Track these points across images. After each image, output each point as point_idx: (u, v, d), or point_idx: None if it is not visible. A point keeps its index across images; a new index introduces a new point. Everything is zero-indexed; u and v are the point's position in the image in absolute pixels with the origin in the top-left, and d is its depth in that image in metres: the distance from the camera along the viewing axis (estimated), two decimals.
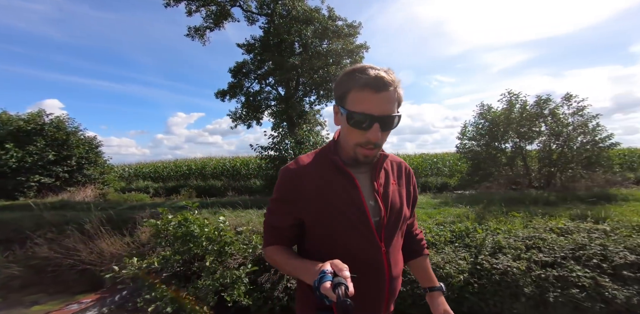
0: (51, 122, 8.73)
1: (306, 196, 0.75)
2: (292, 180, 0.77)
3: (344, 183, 0.75)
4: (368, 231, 0.74)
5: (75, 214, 4.97)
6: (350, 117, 0.68)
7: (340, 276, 0.53)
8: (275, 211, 0.81)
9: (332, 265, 0.57)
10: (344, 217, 0.73)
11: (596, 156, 6.41)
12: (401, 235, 0.84)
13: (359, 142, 0.71)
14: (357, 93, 0.67)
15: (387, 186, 0.80)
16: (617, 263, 2.97)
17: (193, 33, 8.97)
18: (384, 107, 0.67)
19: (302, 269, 0.68)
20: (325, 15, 8.30)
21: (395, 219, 0.79)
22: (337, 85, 0.73)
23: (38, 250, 4.14)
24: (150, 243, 4.03)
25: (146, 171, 14.48)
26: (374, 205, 0.76)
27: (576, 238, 3.32)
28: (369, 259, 0.74)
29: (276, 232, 0.81)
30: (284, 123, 8.75)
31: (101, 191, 9.44)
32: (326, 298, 0.51)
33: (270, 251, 0.81)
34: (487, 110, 8.12)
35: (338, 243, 0.74)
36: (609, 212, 4.01)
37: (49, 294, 3.61)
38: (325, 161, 0.78)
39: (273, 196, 0.81)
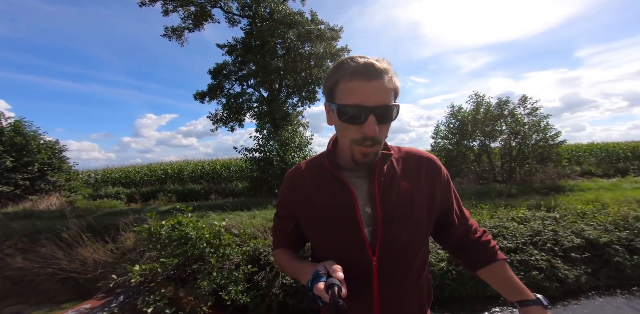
0: (9, 126, 7.96)
1: (298, 201, 0.74)
2: (289, 184, 0.77)
3: (335, 187, 0.69)
4: (359, 243, 0.66)
5: (47, 223, 4.66)
6: (341, 112, 0.61)
7: (335, 277, 0.52)
8: (279, 214, 0.81)
9: (327, 266, 0.56)
10: (333, 225, 0.68)
11: (547, 152, 7.31)
12: (414, 247, 0.70)
13: (355, 139, 0.63)
14: (347, 84, 0.60)
15: (391, 189, 0.69)
16: (566, 246, 3.51)
17: (170, 33, 8.70)
18: (378, 96, 0.59)
19: (299, 270, 0.67)
20: (308, 18, 8.49)
21: (399, 228, 0.67)
22: (326, 81, 0.67)
23: (11, 260, 3.85)
24: (137, 249, 3.95)
25: (115, 177, 13.54)
26: (370, 213, 0.68)
27: (532, 225, 3.85)
28: (357, 275, 0.65)
29: (281, 235, 0.82)
30: (267, 125, 8.78)
31: (68, 199, 8.78)
32: (319, 299, 0.50)
33: (276, 254, 0.81)
34: (457, 111, 8.83)
35: (328, 251, 0.70)
36: (558, 202, 4.67)
37: (31, 305, 3.41)
38: (319, 165, 0.74)
39: (277, 200, 0.82)
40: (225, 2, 9.05)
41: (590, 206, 4.44)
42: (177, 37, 8.87)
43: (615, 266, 3.34)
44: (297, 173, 0.77)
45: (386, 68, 0.60)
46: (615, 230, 3.69)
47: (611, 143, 16.14)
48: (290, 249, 0.80)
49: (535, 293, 0.72)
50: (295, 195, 0.75)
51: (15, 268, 3.80)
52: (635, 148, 14.85)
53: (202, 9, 8.66)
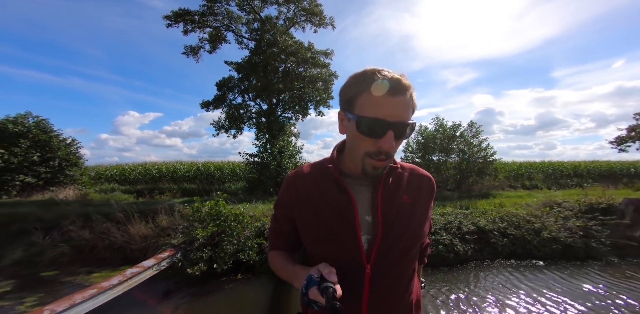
0: (35, 124, 9.05)
1: (297, 203, 0.74)
2: (289, 186, 0.76)
3: (336, 194, 0.70)
4: (354, 250, 0.66)
5: (105, 205, 6.05)
6: (360, 123, 0.61)
7: (328, 279, 0.52)
8: (277, 216, 0.81)
9: (321, 269, 0.56)
10: (330, 230, 0.68)
11: (485, 167, 9.39)
12: (408, 258, 0.71)
13: (370, 152, 0.63)
14: (370, 96, 0.60)
15: (393, 202, 0.70)
16: (464, 231, 5.36)
17: (189, 51, 10.17)
18: (399, 112, 0.60)
19: (292, 274, 0.67)
20: (305, 46, 10.21)
21: (395, 239, 0.68)
22: (345, 89, 0.67)
23: (74, 234, 5.21)
24: (171, 227, 5.42)
25: (109, 174, 14.23)
26: (370, 221, 0.68)
27: (448, 217, 5.69)
28: (349, 280, 0.65)
29: (278, 237, 0.81)
30: (266, 135, 10.37)
31: (81, 191, 9.88)
32: (315, 303, 0.50)
33: (271, 256, 0.80)
34: (423, 130, 10.83)
35: (323, 255, 0.69)
36: (474, 203, 6.59)
37: (95, 267, 4.81)
38: (323, 170, 0.74)
39: (276, 202, 0.81)
40: (236, 25, 10.67)
41: (492, 206, 6.39)
42: (194, 54, 10.35)
43: (493, 245, 5.23)
44: (300, 176, 0.76)
45: (409, 85, 0.61)
46: (498, 222, 5.61)
47: (557, 162, 18.92)
48: (285, 251, 0.80)
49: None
50: (295, 196, 0.74)
51: (79, 240, 5.18)
52: (576, 166, 17.65)
53: (217, 32, 10.22)
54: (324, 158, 0.80)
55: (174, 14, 9.76)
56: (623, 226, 5.52)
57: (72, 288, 4.02)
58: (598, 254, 4.95)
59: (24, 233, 5.40)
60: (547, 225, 5.45)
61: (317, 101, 10.85)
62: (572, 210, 5.89)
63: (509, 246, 5.23)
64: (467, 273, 4.65)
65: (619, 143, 13.45)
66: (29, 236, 5.27)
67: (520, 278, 4.31)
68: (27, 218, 5.73)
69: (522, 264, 4.84)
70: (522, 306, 3.43)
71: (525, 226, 5.50)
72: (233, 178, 13.54)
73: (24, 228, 5.43)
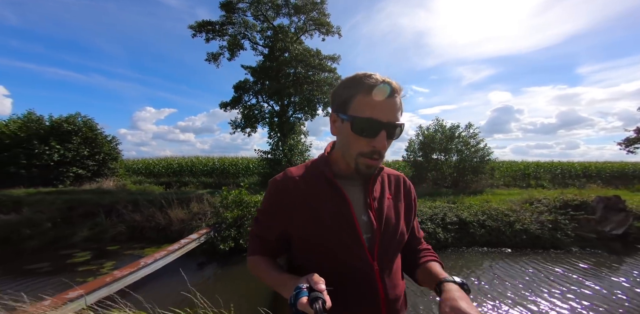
0: (83, 123, 10.57)
1: (292, 207, 0.71)
2: (279, 191, 0.73)
3: (332, 196, 0.70)
4: (359, 249, 0.67)
5: (147, 193, 7.39)
6: (355, 124, 0.64)
7: (316, 289, 0.52)
8: (262, 222, 0.77)
9: (308, 279, 0.56)
10: (332, 232, 0.67)
11: (481, 167, 10.04)
12: (398, 253, 0.77)
13: (363, 152, 0.66)
14: (364, 98, 0.63)
15: (382, 200, 0.74)
16: (447, 221, 6.25)
17: (211, 58, 11.32)
18: (391, 113, 0.64)
19: (280, 283, 0.65)
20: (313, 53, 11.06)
21: (390, 236, 0.72)
22: (338, 92, 0.70)
23: (127, 217, 6.56)
24: (201, 212, 6.64)
25: (136, 168, 15.58)
26: (366, 221, 0.70)
27: (434, 210, 6.57)
28: (360, 278, 0.67)
29: (262, 243, 0.77)
30: (277, 134, 11.44)
31: (119, 182, 11.43)
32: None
33: (254, 262, 0.77)
34: (424, 132, 11.53)
35: (326, 260, 0.68)
36: (463, 199, 7.40)
37: (145, 244, 6.11)
38: (314, 173, 0.74)
39: (261, 207, 0.78)
40: (251, 33, 11.67)
41: (477, 202, 7.18)
42: (215, 60, 11.50)
43: (472, 235, 6.09)
44: (289, 179, 0.74)
45: (399, 89, 0.65)
46: (479, 215, 6.43)
47: (566, 163, 18.87)
48: (269, 257, 0.77)
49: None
50: (286, 201, 0.71)
51: (131, 221, 6.51)
52: (586, 167, 17.63)
53: (234, 40, 11.27)
54: (311, 160, 0.80)
55: (197, 24, 10.89)
56: (594, 222, 6.21)
57: (134, 258, 5.30)
58: (562, 244, 5.70)
59: (88, 215, 6.80)
60: (521, 218, 6.22)
61: (325, 103, 11.75)
62: (547, 206, 6.60)
63: (486, 236, 6.07)
64: (445, 257, 5.57)
65: (627, 144, 13.47)
66: (92, 218, 6.66)
67: (487, 261, 5.19)
68: (88, 203, 7.15)
69: (492, 251, 5.69)
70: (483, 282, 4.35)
71: (502, 219, 6.29)
72: (246, 173, 14.59)
73: (88, 211, 6.83)
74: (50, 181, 9.64)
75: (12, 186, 8.71)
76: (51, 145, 9.51)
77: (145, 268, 3.42)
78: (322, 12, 10.61)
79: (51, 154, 9.48)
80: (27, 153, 9.27)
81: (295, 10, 10.51)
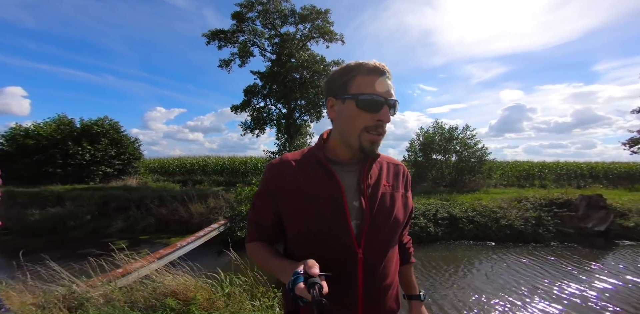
0: (110, 126, 11.65)
1: (284, 189, 0.72)
2: (273, 174, 0.74)
3: (324, 179, 0.71)
4: (345, 234, 0.67)
5: (169, 190, 8.33)
6: (359, 100, 0.66)
7: (310, 273, 0.53)
8: (258, 206, 0.78)
9: (304, 265, 0.56)
10: (320, 216, 0.68)
11: (478, 167, 10.51)
12: (392, 243, 0.76)
13: (368, 126, 0.67)
14: (365, 78, 0.67)
15: (377, 187, 0.74)
16: (439, 217, 6.86)
17: (223, 64, 12.16)
18: (389, 91, 0.68)
19: (279, 268, 0.66)
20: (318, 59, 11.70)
21: (381, 224, 0.71)
22: (335, 77, 0.72)
23: (154, 211, 7.49)
24: (217, 207, 7.49)
25: (152, 167, 16.41)
26: (357, 207, 0.70)
27: (428, 207, 7.20)
28: (341, 265, 0.67)
29: (259, 228, 0.78)
30: (284, 135, 12.20)
31: (141, 180, 12.50)
32: (300, 299, 0.51)
33: (252, 247, 0.78)
34: (424, 133, 12.05)
35: (312, 243, 0.70)
36: (456, 197, 7.97)
37: (170, 235, 7.02)
38: (309, 157, 0.76)
39: (257, 190, 0.79)
40: (259, 40, 12.42)
41: (469, 200, 7.74)
42: (226, 66, 12.34)
43: (461, 229, 6.69)
44: (284, 163, 0.75)
45: (390, 72, 0.70)
46: (469, 212, 7.01)
47: (572, 163, 18.81)
48: (266, 243, 0.78)
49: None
50: (282, 184, 0.72)
51: (158, 215, 7.43)
52: (592, 167, 17.60)
53: (244, 47, 12.05)
54: (308, 147, 0.81)
55: (211, 33, 11.72)
56: (576, 219, 6.70)
57: (164, 246, 6.19)
58: (542, 239, 6.23)
59: (121, 209, 7.79)
60: (507, 215, 6.77)
61: None
62: (533, 203, 7.11)
63: (473, 231, 6.67)
64: (435, 248, 6.22)
65: (631, 144, 13.51)
66: (125, 212, 7.63)
67: (472, 253, 5.81)
68: (120, 198, 8.14)
69: (478, 244, 6.29)
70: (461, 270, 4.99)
71: (489, 215, 6.86)
72: (255, 172, 15.40)
73: (120, 206, 7.82)
74: (82, 179, 10.77)
75: (50, 183, 9.85)
76: (83, 146, 10.61)
77: (181, 250, 4.25)
78: (326, 20, 11.23)
79: (83, 154, 10.58)
80: (62, 154, 10.39)
81: (300, 19, 11.17)
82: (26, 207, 7.39)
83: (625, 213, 6.91)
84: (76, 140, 10.74)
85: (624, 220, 6.71)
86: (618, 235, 6.53)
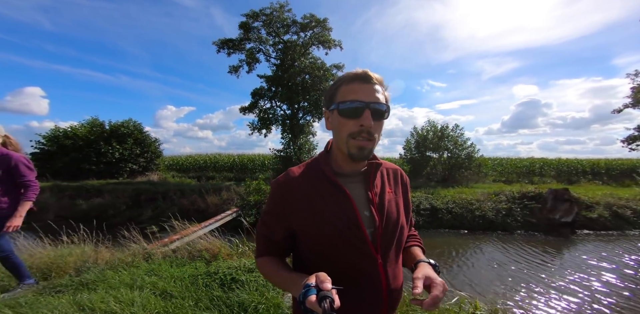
0: (134, 127, 13.09)
1: (296, 207, 0.73)
2: (283, 192, 0.75)
3: (334, 193, 0.73)
4: (362, 243, 0.70)
5: (186, 185, 9.67)
6: (341, 107, 0.69)
7: (322, 288, 0.53)
8: (268, 223, 0.78)
9: (316, 278, 0.56)
10: (336, 229, 0.70)
11: (468, 163, 11.30)
12: (401, 245, 0.80)
13: (352, 132, 0.70)
14: (347, 86, 0.70)
15: (383, 195, 0.77)
16: (421, 208, 7.84)
17: (232, 70, 13.29)
18: (373, 95, 0.69)
19: (289, 282, 0.67)
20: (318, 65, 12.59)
21: (392, 229, 0.75)
22: (328, 90, 0.76)
23: (177, 202, 8.83)
24: (229, 198, 8.73)
25: (168, 164, 17.70)
26: (368, 216, 0.73)
27: (412, 199, 8.15)
28: (365, 272, 0.70)
29: (269, 243, 0.79)
30: (289, 135, 13.29)
31: (161, 176, 13.99)
32: (311, 312, 0.51)
33: (262, 262, 0.79)
34: (418, 132, 12.85)
35: (331, 256, 0.71)
36: (440, 191, 8.89)
37: (191, 222, 8.32)
38: (315, 172, 0.77)
39: (265, 209, 0.80)
40: (265, 46, 13.41)
41: (452, 193, 8.65)
42: (235, 72, 13.46)
43: (440, 219, 7.65)
44: (292, 181, 0.76)
45: (379, 79, 0.71)
46: (449, 203, 7.94)
47: (574, 160, 19.02)
48: (277, 257, 0.79)
49: None
50: (291, 202, 0.74)
51: (180, 205, 8.76)
52: (594, 164, 17.83)
53: (251, 54, 13.10)
54: (311, 160, 0.82)
55: (220, 41, 12.83)
56: (545, 210, 7.52)
57: None
58: (510, 228, 7.12)
59: (149, 200, 9.17)
60: (482, 206, 7.67)
61: None
62: (507, 196, 7.96)
63: (451, 220, 7.62)
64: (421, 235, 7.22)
65: (629, 142, 13.78)
66: (153, 202, 9.01)
67: (449, 239, 6.79)
68: (149, 191, 9.53)
69: (452, 232, 7.25)
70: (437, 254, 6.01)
71: (466, 207, 7.78)
72: (262, 169, 16.63)
73: (149, 197, 9.20)
74: (112, 175, 12.31)
75: (87, 178, 11.40)
76: (113, 145, 12.10)
77: (206, 228, 5.50)
78: (325, 26, 12.06)
79: (113, 152, 12.08)
80: (96, 152, 11.92)
81: (301, 28, 12.06)
82: (74, 198, 8.88)
83: (593, 205, 7.67)
84: (106, 140, 12.24)
85: (589, 211, 7.49)
86: (583, 225, 7.32)
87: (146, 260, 3.10)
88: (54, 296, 2.16)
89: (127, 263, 2.85)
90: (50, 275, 2.64)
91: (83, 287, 2.31)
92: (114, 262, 2.87)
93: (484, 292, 3.93)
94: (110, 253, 3.25)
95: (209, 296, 2.16)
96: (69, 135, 12.02)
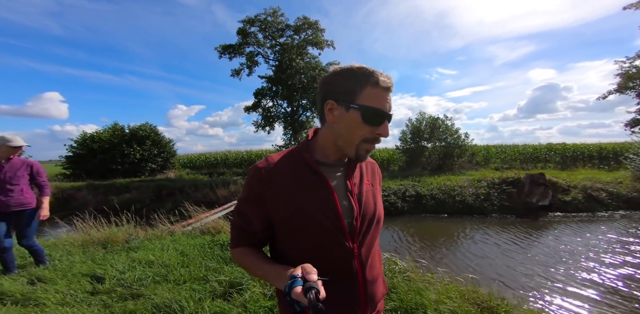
0: (150, 129, 14.48)
1: (275, 195, 0.70)
2: (261, 179, 0.72)
3: (315, 182, 0.72)
4: (340, 233, 0.70)
5: (199, 180, 10.95)
6: (367, 113, 0.68)
7: (308, 279, 0.53)
8: (244, 212, 0.75)
9: (302, 269, 0.56)
10: (315, 218, 0.69)
11: (459, 151, 11.86)
12: (376, 237, 0.81)
13: (368, 138, 0.71)
14: (374, 90, 0.68)
15: (361, 186, 0.79)
16: (407, 194, 8.66)
17: (234, 73, 14.25)
18: (391, 105, 0.72)
19: (273, 274, 0.66)
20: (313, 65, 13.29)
21: (369, 220, 0.76)
22: (339, 81, 0.70)
23: (192, 195, 10.11)
24: (235, 191, 9.89)
25: (182, 161, 18.98)
26: (347, 206, 0.73)
27: (399, 187, 8.97)
28: (340, 261, 0.71)
29: (245, 233, 0.76)
30: (290, 131, 14.23)
31: (177, 173, 15.44)
32: (297, 303, 0.51)
33: (239, 253, 0.76)
34: (412, 123, 13.42)
35: (308, 245, 0.71)
36: (429, 179, 9.62)
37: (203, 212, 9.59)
38: (296, 160, 0.75)
39: (242, 196, 0.77)
40: (263, 49, 14.21)
41: (439, 180, 9.37)
42: (237, 75, 14.41)
43: (424, 205, 8.45)
44: (271, 166, 0.73)
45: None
46: (434, 190, 8.69)
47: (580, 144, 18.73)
48: (254, 248, 0.77)
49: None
50: (268, 191, 0.71)
51: (195, 198, 10.04)
52: (602, 149, 17.60)
53: (250, 57, 13.96)
54: (294, 148, 0.79)
55: (222, 47, 13.76)
56: (523, 194, 8.14)
57: None
58: (486, 211, 7.83)
59: (169, 194, 10.52)
60: (463, 192, 8.38)
61: None
62: (488, 182, 8.60)
63: (434, 205, 8.40)
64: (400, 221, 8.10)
65: (632, 125, 13.64)
66: (172, 197, 10.34)
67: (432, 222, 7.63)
68: (168, 187, 10.88)
69: (434, 216, 8.06)
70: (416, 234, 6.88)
71: (449, 193, 8.52)
72: None
73: (168, 192, 10.55)
74: (135, 174, 13.83)
75: (114, 177, 12.95)
76: (134, 147, 13.55)
77: (216, 214, 6.63)
78: (317, 28, 12.66)
79: (135, 153, 13.54)
80: (120, 154, 13.42)
81: (295, 31, 12.74)
82: (107, 195, 10.36)
83: (569, 189, 8.19)
84: (128, 142, 13.70)
85: (564, 195, 8.04)
86: (558, 208, 7.91)
87: (170, 235, 4.21)
88: (114, 255, 3.27)
89: (158, 237, 3.97)
90: (107, 246, 3.78)
91: (131, 250, 3.42)
92: (149, 236, 4.00)
93: (449, 264, 4.83)
94: (145, 231, 4.40)
95: (211, 254, 3.20)
96: (95, 139, 13.56)
